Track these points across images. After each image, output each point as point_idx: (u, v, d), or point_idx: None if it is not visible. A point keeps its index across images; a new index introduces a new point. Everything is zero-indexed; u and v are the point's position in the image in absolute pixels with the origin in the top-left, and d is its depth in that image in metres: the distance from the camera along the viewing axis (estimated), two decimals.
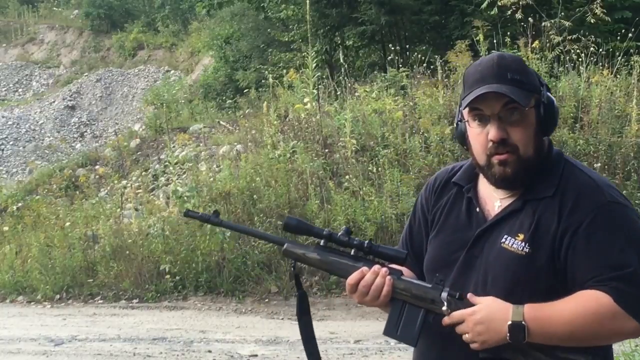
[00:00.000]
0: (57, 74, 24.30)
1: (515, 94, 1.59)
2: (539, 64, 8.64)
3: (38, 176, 13.72)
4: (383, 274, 1.67)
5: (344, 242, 1.73)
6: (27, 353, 5.92)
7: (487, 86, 1.60)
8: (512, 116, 1.61)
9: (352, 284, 1.68)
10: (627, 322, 1.50)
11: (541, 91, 1.64)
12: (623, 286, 1.49)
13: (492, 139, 1.61)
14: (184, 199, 8.36)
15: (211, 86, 16.95)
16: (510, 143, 1.61)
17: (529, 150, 1.62)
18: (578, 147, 7.49)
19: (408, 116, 8.61)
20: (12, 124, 20.32)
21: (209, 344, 5.79)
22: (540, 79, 1.66)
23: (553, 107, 1.65)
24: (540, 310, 1.52)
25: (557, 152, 1.70)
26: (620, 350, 4.30)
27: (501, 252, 1.61)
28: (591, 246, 1.54)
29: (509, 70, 1.61)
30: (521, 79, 1.61)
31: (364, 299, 1.68)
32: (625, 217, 1.57)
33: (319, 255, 1.75)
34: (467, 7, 11.07)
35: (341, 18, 12.41)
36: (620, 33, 9.24)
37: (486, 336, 1.55)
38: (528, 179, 1.64)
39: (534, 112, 1.62)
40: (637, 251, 1.53)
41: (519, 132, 1.61)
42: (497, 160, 1.62)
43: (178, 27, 24.31)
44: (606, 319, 1.50)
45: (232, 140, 10.87)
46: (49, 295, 7.92)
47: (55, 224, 9.17)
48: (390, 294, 1.66)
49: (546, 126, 1.64)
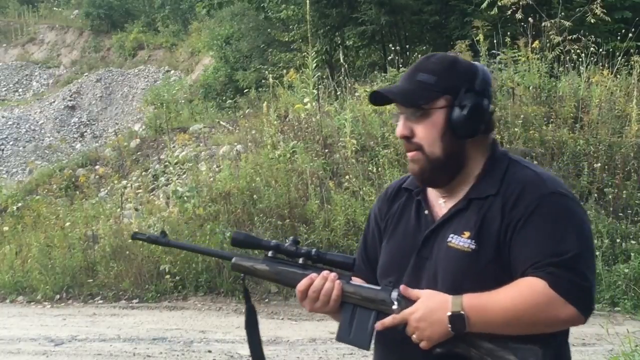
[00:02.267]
0: (57, 74, 24.31)
1: (407, 95, 1.65)
2: (539, 64, 8.65)
3: (38, 176, 13.72)
4: (332, 278, 1.69)
5: (291, 252, 1.76)
6: (27, 353, 5.92)
7: (386, 86, 1.69)
8: (416, 115, 1.65)
9: (302, 291, 1.70)
10: (563, 307, 1.49)
11: (459, 93, 1.63)
12: (559, 272, 1.49)
13: (396, 135, 1.72)
14: (184, 199, 8.37)
15: (211, 86, 16.96)
16: (414, 141, 1.66)
17: (435, 150, 1.64)
18: (578, 147, 7.49)
19: None
20: (12, 124, 20.33)
21: (209, 344, 5.79)
22: (472, 82, 1.65)
23: (473, 111, 1.62)
24: (479, 298, 1.53)
25: (502, 152, 1.71)
26: (621, 351, 4.30)
27: (448, 251, 1.63)
28: (531, 235, 1.54)
29: (423, 70, 1.66)
30: (430, 81, 1.63)
31: (315, 305, 1.70)
32: (566, 207, 1.57)
33: (267, 266, 1.78)
34: (467, 7, 11.07)
35: (341, 18, 12.42)
36: (620, 33, 9.25)
37: (430, 331, 1.55)
38: (442, 177, 1.67)
39: (443, 113, 1.63)
40: (576, 239, 1.53)
41: (422, 131, 1.65)
42: (408, 157, 1.70)
43: (178, 27, 24.32)
44: (541, 305, 1.49)
45: (232, 140, 10.87)
46: (49, 295, 7.92)
47: (55, 224, 9.17)
48: (340, 297, 1.68)
49: (457, 128, 1.63)
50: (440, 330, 1.54)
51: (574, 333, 5.69)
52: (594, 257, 1.59)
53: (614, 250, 6.56)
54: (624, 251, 6.53)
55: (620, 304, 6.11)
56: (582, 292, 1.51)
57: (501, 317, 1.51)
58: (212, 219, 7.99)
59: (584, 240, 1.55)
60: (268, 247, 1.79)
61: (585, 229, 1.58)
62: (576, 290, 1.50)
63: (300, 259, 1.75)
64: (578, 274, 1.50)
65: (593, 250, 1.60)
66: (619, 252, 6.54)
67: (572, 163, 7.40)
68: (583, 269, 1.51)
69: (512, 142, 7.74)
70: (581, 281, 1.50)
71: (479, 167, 1.67)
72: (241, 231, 1.87)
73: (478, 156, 1.68)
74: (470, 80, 1.65)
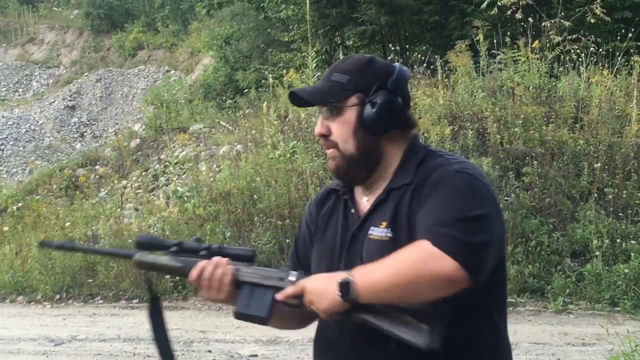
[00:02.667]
0: (57, 74, 24.31)
1: (319, 94, 1.70)
2: (539, 64, 8.65)
3: (38, 176, 13.73)
4: (222, 263, 1.71)
5: (194, 248, 1.79)
6: (27, 353, 5.93)
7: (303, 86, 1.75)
8: (331, 114, 1.70)
9: (194, 279, 1.73)
10: (443, 261, 1.46)
11: (370, 91, 1.67)
12: (444, 230, 1.49)
13: (315, 134, 1.77)
14: (184, 199, 8.37)
15: (211, 86, 16.96)
16: (330, 139, 1.71)
17: (348, 147, 1.69)
18: (578, 147, 7.48)
19: None
20: (12, 124, 20.33)
21: (209, 344, 5.79)
22: (385, 81, 1.68)
23: (382, 108, 1.66)
24: (368, 266, 1.55)
25: (422, 145, 1.75)
26: (621, 351, 4.31)
27: (370, 243, 1.66)
28: (429, 207, 1.56)
29: (338, 70, 1.71)
30: (343, 80, 1.68)
31: (210, 293, 1.73)
32: (469, 183, 1.58)
33: (168, 259, 1.80)
34: (467, 7, 11.07)
35: (341, 18, 12.41)
36: (620, 33, 9.24)
37: (324, 301, 1.56)
38: (358, 173, 1.71)
39: (355, 110, 1.68)
40: (470, 206, 1.53)
41: (336, 129, 1.70)
42: (328, 154, 1.74)
43: (178, 27, 24.32)
44: (421, 259, 1.48)
45: (232, 140, 10.87)
46: (49, 295, 7.92)
47: (55, 224, 9.18)
48: (231, 282, 1.70)
49: (368, 125, 1.67)
50: (332, 298, 1.54)
51: (573, 333, 5.68)
52: (491, 228, 1.53)
53: (614, 250, 6.56)
54: (624, 251, 6.53)
55: (620, 304, 6.11)
56: (465, 247, 1.47)
57: (385, 277, 1.50)
58: (212, 219, 7.99)
59: (479, 206, 1.53)
60: (171, 245, 1.81)
61: (485, 203, 1.56)
62: (458, 245, 1.47)
63: (202, 252, 1.78)
64: (463, 231, 1.48)
65: (491, 223, 1.54)
66: (619, 252, 6.54)
67: (572, 163, 7.40)
68: (470, 229, 1.49)
69: (512, 142, 7.74)
70: (465, 237, 1.47)
71: (396, 161, 1.71)
72: (145, 234, 1.91)
73: (395, 151, 1.71)
74: (383, 79, 1.68)
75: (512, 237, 6.81)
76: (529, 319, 6.04)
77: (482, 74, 9.11)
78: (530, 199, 7.17)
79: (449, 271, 1.46)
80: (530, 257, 6.70)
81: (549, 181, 7.24)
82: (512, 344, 5.49)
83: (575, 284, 6.43)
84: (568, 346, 5.31)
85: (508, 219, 6.87)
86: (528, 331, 5.69)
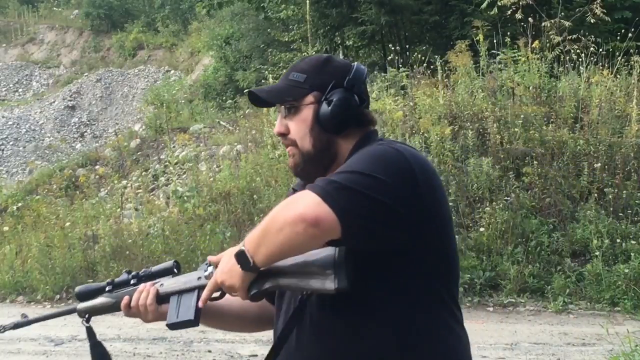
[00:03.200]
0: (57, 74, 24.31)
1: (275, 93, 1.72)
2: (539, 64, 8.65)
3: (38, 176, 13.73)
4: (146, 288, 1.79)
5: (124, 280, 1.87)
6: (27, 353, 5.93)
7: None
8: (289, 112, 1.71)
9: (126, 311, 1.82)
10: (305, 198, 1.43)
11: (326, 90, 1.67)
12: (320, 180, 1.48)
13: (274, 133, 1.81)
14: (184, 199, 8.38)
15: (211, 86, 16.96)
16: (289, 137, 1.72)
17: (305, 144, 1.69)
18: (578, 147, 7.49)
19: (408, 116, 8.61)
20: (12, 124, 20.33)
21: (209, 344, 5.79)
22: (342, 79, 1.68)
23: (338, 106, 1.65)
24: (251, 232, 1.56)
25: (377, 140, 1.71)
26: (621, 351, 4.31)
27: None
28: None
29: (296, 70, 1.73)
30: (300, 79, 1.69)
31: (146, 317, 1.80)
32: (384, 152, 1.55)
33: (105, 298, 1.90)
34: (467, 7, 11.07)
35: (341, 18, 12.41)
36: (620, 33, 9.24)
37: (231, 279, 1.56)
38: (315, 171, 1.68)
39: (311, 109, 1.68)
40: (362, 164, 1.50)
41: (294, 127, 1.71)
42: (287, 152, 1.75)
43: (178, 27, 24.32)
44: (287, 203, 1.48)
45: (232, 140, 10.87)
46: (49, 295, 7.92)
47: (55, 224, 9.17)
48: (155, 300, 1.76)
49: (324, 123, 1.66)
50: (237, 273, 1.54)
51: (573, 333, 5.68)
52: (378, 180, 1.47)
53: (614, 250, 6.56)
54: (624, 251, 6.53)
55: (620, 304, 6.11)
56: (331, 186, 1.44)
57: (260, 232, 1.48)
58: (212, 219, 7.99)
59: (375, 170, 1.48)
60: (104, 286, 1.91)
61: (388, 167, 1.51)
62: (325, 185, 1.44)
63: (132, 281, 1.85)
64: (339, 176, 1.46)
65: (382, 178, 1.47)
66: (619, 252, 6.54)
67: (572, 163, 7.40)
68: (344, 176, 1.46)
69: (512, 142, 7.74)
70: (335, 180, 1.45)
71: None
72: (81, 285, 2.02)
73: (348, 148, 1.70)
74: (340, 78, 1.69)
75: (512, 237, 6.82)
76: (529, 319, 6.04)
77: (482, 74, 9.11)
78: (530, 199, 7.17)
79: (306, 206, 1.42)
80: (530, 257, 6.70)
81: (549, 181, 7.24)
82: (512, 344, 5.49)
83: (575, 284, 6.43)
84: (568, 346, 5.31)
85: (508, 219, 6.88)
86: (528, 331, 5.69)
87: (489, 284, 6.64)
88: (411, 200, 1.51)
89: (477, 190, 7.37)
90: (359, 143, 1.68)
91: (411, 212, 1.51)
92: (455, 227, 7.17)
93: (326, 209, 1.41)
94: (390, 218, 1.48)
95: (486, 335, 5.52)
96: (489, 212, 6.98)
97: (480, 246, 6.88)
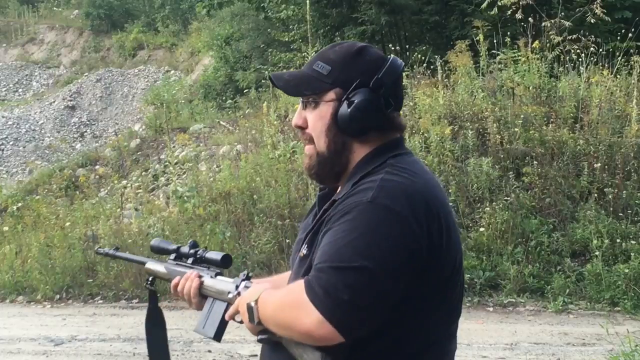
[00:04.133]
0: (57, 74, 24.31)
1: (293, 83, 1.58)
2: (539, 64, 8.65)
3: (38, 176, 13.74)
4: (192, 277, 1.80)
5: (185, 254, 1.91)
6: (27, 353, 5.93)
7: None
8: (309, 105, 1.57)
9: (174, 292, 1.85)
10: (309, 311, 1.35)
11: (350, 87, 1.51)
12: (317, 275, 1.38)
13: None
14: (184, 199, 8.37)
15: (211, 86, 16.96)
16: (306, 131, 1.59)
17: (320, 144, 1.56)
18: (578, 147, 7.49)
19: (408, 116, 8.61)
20: (12, 124, 20.32)
21: (209, 344, 5.79)
22: (370, 77, 1.52)
23: (358, 109, 1.50)
24: (271, 291, 1.51)
25: (383, 153, 1.55)
26: (621, 351, 4.31)
27: (298, 255, 1.60)
28: (326, 240, 1.44)
29: (322, 59, 1.56)
30: (323, 71, 1.54)
31: (191, 306, 1.84)
32: (373, 217, 1.39)
33: (164, 268, 1.95)
34: (467, 7, 11.07)
35: (341, 18, 12.42)
36: (620, 33, 9.24)
37: (245, 321, 1.55)
38: (327, 174, 1.60)
39: (331, 106, 1.53)
40: (359, 252, 1.36)
41: (312, 122, 1.57)
42: (305, 151, 1.64)
43: (178, 27, 24.33)
44: (293, 304, 1.39)
45: (232, 140, 10.88)
46: (49, 295, 7.92)
47: (55, 224, 9.17)
48: (197, 292, 1.79)
49: (342, 125, 1.52)
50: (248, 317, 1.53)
51: (573, 333, 5.69)
52: (375, 277, 1.36)
53: (614, 250, 6.56)
54: (624, 251, 6.53)
55: (620, 304, 6.11)
56: (332, 301, 1.34)
57: (271, 313, 1.47)
58: (212, 219, 7.99)
59: (369, 255, 1.36)
60: (170, 251, 1.96)
61: (382, 246, 1.37)
62: (326, 298, 1.34)
63: (190, 260, 1.88)
64: (333, 282, 1.34)
65: (378, 270, 1.36)
66: (619, 252, 6.54)
67: (572, 163, 7.41)
68: (342, 280, 1.34)
69: (512, 142, 7.74)
70: (334, 290, 1.34)
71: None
72: (157, 238, 2.07)
73: (362, 156, 1.56)
74: (369, 75, 1.52)
75: (512, 237, 6.82)
76: (529, 319, 6.04)
77: (482, 74, 9.11)
78: (530, 199, 7.17)
79: (312, 325, 1.35)
80: (530, 257, 6.70)
81: (549, 181, 7.24)
82: (512, 344, 5.50)
83: (575, 284, 6.43)
84: (568, 346, 5.31)
85: (508, 219, 6.88)
86: (528, 331, 5.69)
87: (488, 284, 6.64)
88: (416, 274, 1.42)
89: (477, 190, 7.37)
90: (372, 154, 1.55)
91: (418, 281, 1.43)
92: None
93: (331, 330, 1.34)
94: (393, 300, 1.41)
95: (486, 335, 5.52)
96: (489, 212, 6.98)
97: (480, 246, 6.89)
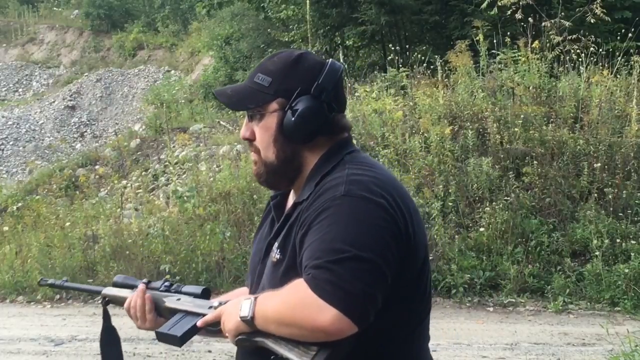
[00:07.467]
0: (57, 74, 24.30)
1: (236, 97, 1.61)
2: (539, 64, 8.65)
3: (38, 176, 13.73)
4: (140, 291, 1.79)
5: (156, 286, 1.85)
6: (27, 353, 5.93)
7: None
8: (254, 118, 1.60)
9: (127, 311, 1.83)
10: (323, 310, 1.36)
11: (292, 96, 1.54)
12: (318, 272, 1.38)
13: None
14: (184, 199, 8.37)
15: (211, 86, 16.95)
16: (254, 144, 1.62)
17: (268, 155, 1.59)
18: (578, 147, 7.49)
19: (408, 116, 8.61)
20: (12, 124, 20.33)
21: (209, 344, 5.79)
22: (310, 84, 1.55)
23: (303, 116, 1.53)
24: (268, 294, 1.49)
25: (341, 151, 1.59)
26: (620, 351, 4.31)
27: (270, 260, 1.60)
28: (311, 238, 1.44)
29: (262, 71, 1.60)
30: (264, 83, 1.57)
31: (139, 323, 1.81)
32: (354, 209, 1.43)
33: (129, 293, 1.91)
34: (467, 7, 11.07)
35: (341, 18, 12.42)
36: (620, 33, 9.24)
37: (231, 322, 1.52)
38: (280, 182, 1.63)
39: (276, 116, 1.57)
40: (350, 241, 1.39)
41: (258, 134, 1.60)
42: (252, 159, 1.67)
43: (178, 27, 24.33)
44: (298, 306, 1.39)
45: (232, 140, 10.87)
46: (49, 295, 7.92)
47: (55, 224, 9.17)
48: (152, 308, 1.77)
49: (288, 133, 1.55)
50: (234, 318, 1.50)
51: (573, 333, 5.69)
52: (373, 263, 1.39)
53: (614, 250, 6.56)
54: (624, 251, 6.53)
55: (620, 304, 6.11)
56: (345, 294, 1.36)
57: (273, 314, 1.44)
58: (212, 219, 7.99)
59: (362, 244, 1.39)
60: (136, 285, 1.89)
61: (370, 233, 1.41)
62: (337, 292, 1.36)
63: (161, 288, 1.83)
64: (338, 275, 1.36)
65: (373, 257, 1.40)
66: (619, 252, 6.54)
67: (572, 163, 7.41)
68: (346, 272, 1.37)
69: (512, 142, 7.74)
70: (342, 283, 1.36)
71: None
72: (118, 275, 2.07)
73: (314, 160, 1.59)
74: (309, 82, 1.55)
75: (512, 237, 6.82)
76: (529, 319, 6.04)
77: (482, 74, 9.12)
78: (530, 199, 7.17)
79: (330, 321, 1.35)
80: (530, 257, 6.70)
81: (549, 181, 7.24)
82: (512, 344, 5.52)
83: (575, 284, 6.43)
84: (568, 346, 5.31)
85: (508, 219, 6.89)
86: (528, 331, 5.69)
87: (489, 284, 6.65)
88: (398, 260, 1.45)
89: (477, 190, 7.37)
90: (327, 154, 1.58)
91: (399, 269, 1.46)
92: (455, 227, 7.17)
93: (347, 322, 1.36)
94: (387, 286, 1.43)
95: (486, 335, 5.51)
96: (489, 212, 6.98)
97: (480, 246, 6.89)
